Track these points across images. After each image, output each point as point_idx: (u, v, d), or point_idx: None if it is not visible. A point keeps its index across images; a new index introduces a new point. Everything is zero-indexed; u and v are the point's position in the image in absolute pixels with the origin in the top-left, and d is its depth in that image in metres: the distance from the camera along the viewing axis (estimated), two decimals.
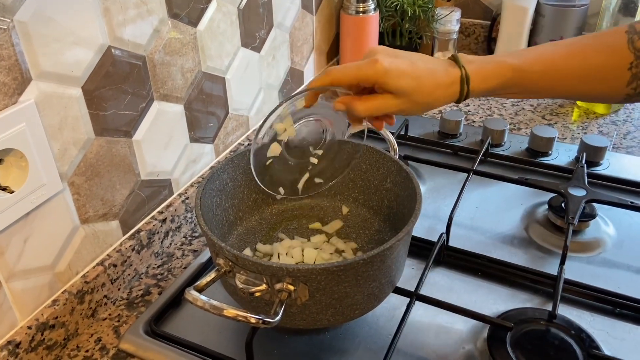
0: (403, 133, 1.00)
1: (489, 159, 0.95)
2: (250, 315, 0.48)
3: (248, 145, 0.94)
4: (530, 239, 0.78)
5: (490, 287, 0.70)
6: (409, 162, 0.90)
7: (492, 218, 0.82)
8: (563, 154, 0.95)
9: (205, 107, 0.84)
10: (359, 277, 0.54)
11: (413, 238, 0.71)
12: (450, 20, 1.19)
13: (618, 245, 0.77)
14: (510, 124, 1.07)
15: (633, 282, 0.70)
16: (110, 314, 0.69)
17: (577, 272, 0.71)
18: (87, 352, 0.64)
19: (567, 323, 0.63)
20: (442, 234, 0.73)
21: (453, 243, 0.75)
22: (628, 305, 0.66)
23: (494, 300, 0.68)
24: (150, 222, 0.75)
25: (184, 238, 0.82)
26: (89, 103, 0.62)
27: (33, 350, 0.60)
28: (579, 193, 0.79)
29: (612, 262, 0.74)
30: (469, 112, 1.12)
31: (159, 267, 0.76)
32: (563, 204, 0.79)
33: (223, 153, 0.91)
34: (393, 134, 0.91)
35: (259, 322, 0.49)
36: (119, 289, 0.71)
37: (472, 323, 0.64)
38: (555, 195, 0.81)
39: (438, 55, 1.21)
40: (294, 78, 1.11)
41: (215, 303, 0.49)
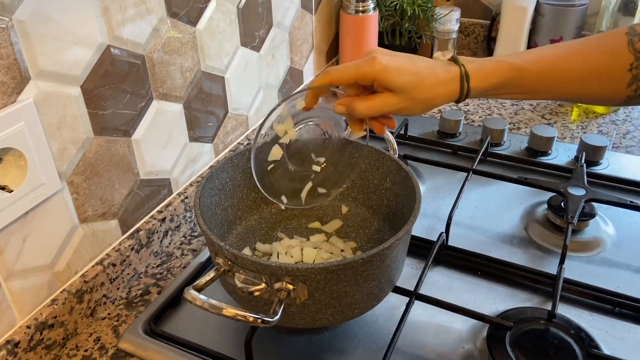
0: (402, 132, 1.00)
1: (489, 159, 0.95)
2: (250, 315, 0.48)
3: (247, 145, 0.94)
4: (530, 239, 0.78)
5: (490, 286, 0.70)
6: (409, 161, 0.90)
7: (491, 217, 0.82)
8: (562, 154, 0.95)
9: (205, 106, 0.84)
10: (358, 276, 0.54)
11: (412, 237, 0.71)
12: (450, 20, 1.19)
13: (617, 245, 0.77)
14: (510, 124, 1.07)
15: (632, 281, 0.70)
16: (110, 314, 0.69)
17: (576, 271, 0.71)
18: (86, 351, 0.64)
19: (566, 322, 0.63)
20: (441, 234, 0.73)
21: (452, 242, 0.75)
22: (627, 305, 0.66)
23: (494, 300, 0.68)
24: (150, 221, 0.75)
25: (183, 237, 0.82)
26: (88, 102, 0.62)
27: (32, 350, 0.60)
28: (579, 192, 0.79)
29: (611, 261, 0.74)
30: (469, 111, 1.12)
31: (158, 266, 0.76)
32: (562, 204, 0.79)
33: (222, 152, 0.91)
34: (392, 134, 0.91)
35: (258, 321, 0.49)
36: (118, 289, 0.71)
37: (471, 322, 0.64)
38: (555, 195, 0.81)
39: (437, 55, 1.21)
40: (294, 77, 1.11)
41: (214, 302, 0.49)
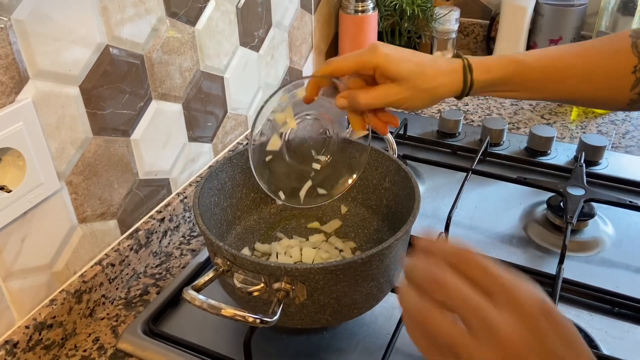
0: (402, 132, 1.00)
1: (488, 159, 0.95)
2: (248, 315, 0.48)
3: (247, 145, 0.93)
4: (529, 239, 0.78)
5: None
6: (408, 161, 0.90)
7: (490, 217, 0.82)
8: (562, 154, 0.95)
9: (204, 106, 0.83)
10: (358, 276, 0.54)
11: (411, 237, 0.71)
12: (449, 20, 1.19)
13: (617, 245, 0.76)
14: (509, 124, 1.07)
15: (632, 281, 0.70)
16: (108, 314, 0.69)
17: (575, 271, 0.71)
18: (84, 351, 0.64)
19: None
20: (440, 234, 0.73)
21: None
22: (627, 305, 0.66)
23: None
24: (149, 221, 0.75)
25: (183, 237, 0.81)
26: (87, 102, 0.62)
27: (31, 350, 0.60)
28: (578, 192, 0.79)
29: (610, 261, 0.74)
30: (468, 111, 1.12)
31: (157, 266, 0.76)
32: (562, 204, 0.79)
33: (221, 152, 0.91)
34: (392, 134, 0.91)
35: (257, 321, 0.49)
36: (117, 289, 0.71)
37: None
38: (554, 195, 0.81)
39: (437, 55, 1.21)
40: (293, 77, 1.11)
41: (213, 302, 0.49)
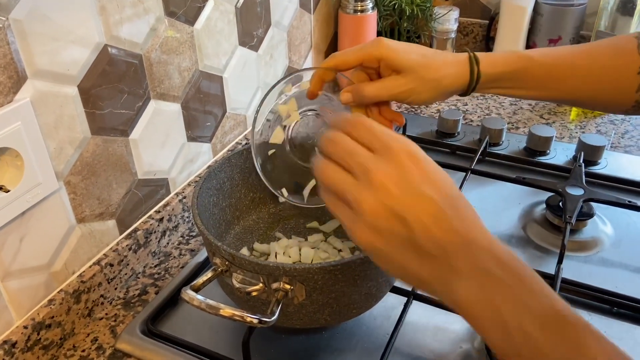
0: (401, 132, 1.00)
1: (487, 158, 0.95)
2: (247, 315, 0.48)
3: (246, 145, 0.93)
4: (528, 238, 0.78)
5: None
6: None
7: (489, 217, 0.82)
8: (561, 153, 0.95)
9: (203, 106, 0.83)
10: (357, 276, 0.54)
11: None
12: (449, 20, 1.19)
13: (616, 245, 0.76)
14: (508, 123, 1.07)
15: (631, 281, 0.70)
16: (107, 314, 0.69)
17: (574, 271, 0.71)
18: (83, 351, 0.63)
19: None
20: None
21: None
22: (626, 305, 0.66)
23: None
24: (147, 221, 0.75)
25: (181, 237, 0.81)
26: (85, 102, 0.62)
27: (29, 350, 0.60)
28: (577, 192, 0.78)
29: (609, 261, 0.74)
30: (467, 111, 1.12)
31: (156, 266, 0.76)
32: (561, 203, 0.79)
33: (220, 152, 0.91)
34: None
35: (256, 321, 0.48)
36: (116, 289, 0.71)
37: None
38: (553, 195, 0.81)
39: None
40: None
41: (212, 302, 0.48)
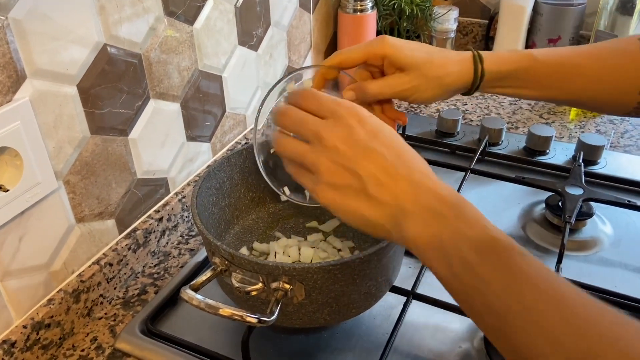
0: (400, 132, 1.00)
1: (487, 158, 0.95)
2: (246, 314, 0.48)
3: (245, 144, 0.93)
4: (528, 238, 0.78)
5: None
6: None
7: (489, 217, 0.80)
8: (560, 153, 0.95)
9: (202, 105, 0.83)
10: (356, 275, 0.54)
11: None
12: (448, 19, 1.19)
13: (615, 244, 0.76)
14: (508, 123, 1.07)
15: (630, 281, 0.70)
16: (106, 313, 0.68)
17: (574, 271, 0.71)
18: (82, 351, 0.63)
19: None
20: None
21: None
22: (625, 305, 0.66)
23: None
24: (147, 221, 0.75)
25: (181, 237, 0.81)
26: (85, 101, 0.62)
27: (28, 350, 0.60)
28: (576, 192, 0.79)
29: (609, 261, 0.74)
30: (467, 110, 1.12)
31: (155, 266, 0.76)
32: (560, 203, 0.79)
33: (220, 152, 0.91)
34: None
35: (255, 321, 0.48)
36: (115, 288, 0.71)
37: (468, 322, 0.64)
38: (553, 194, 0.81)
39: None
40: None
41: (211, 302, 0.48)
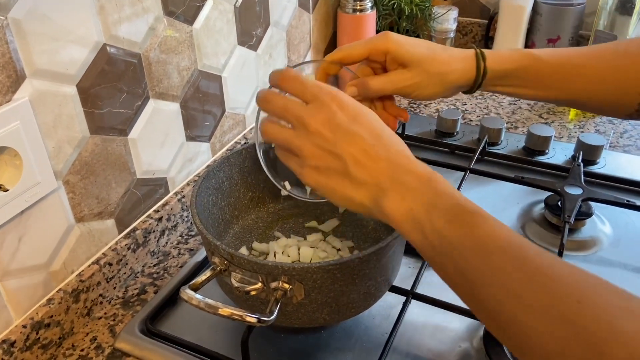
0: (400, 132, 1.00)
1: (486, 158, 0.95)
2: (246, 314, 0.48)
3: (245, 144, 0.93)
4: (527, 238, 0.77)
5: None
6: None
7: None
8: (560, 153, 0.95)
9: (202, 105, 0.83)
10: (355, 275, 0.54)
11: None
12: (448, 19, 1.19)
13: (614, 244, 0.77)
14: (507, 123, 1.07)
15: (629, 280, 0.70)
16: (106, 313, 0.68)
17: None
18: (82, 351, 0.63)
19: None
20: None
21: None
22: None
23: None
24: (146, 220, 0.75)
25: (180, 237, 0.81)
26: (84, 101, 0.62)
27: (28, 349, 0.60)
28: (576, 192, 0.79)
29: (608, 260, 0.74)
30: (466, 110, 1.12)
31: (155, 265, 0.76)
32: (559, 203, 0.79)
33: (219, 152, 0.91)
34: None
35: (255, 320, 0.48)
36: (115, 288, 0.71)
37: (468, 321, 0.64)
38: (552, 194, 0.81)
39: None
40: None
41: (211, 302, 0.48)
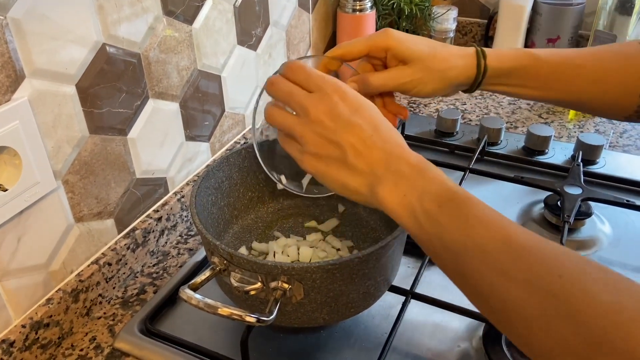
0: (400, 132, 0.99)
1: (486, 158, 0.95)
2: (245, 314, 0.48)
3: (244, 144, 0.93)
4: None
5: None
6: None
7: None
8: (559, 153, 0.95)
9: (201, 105, 0.83)
10: (355, 275, 0.54)
11: (408, 236, 0.71)
12: (447, 19, 1.19)
13: (614, 244, 0.77)
14: (507, 123, 1.07)
15: None
16: (105, 313, 0.68)
17: None
18: (81, 351, 0.63)
19: None
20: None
21: None
22: None
23: None
24: (146, 220, 0.75)
25: (180, 237, 0.81)
26: (83, 101, 0.62)
27: (27, 349, 0.60)
28: (575, 191, 0.79)
29: (608, 260, 0.74)
30: (466, 110, 1.12)
31: (154, 265, 0.76)
32: (559, 203, 0.79)
33: (219, 151, 0.91)
34: None
35: (254, 320, 0.48)
36: (114, 288, 0.71)
37: (467, 321, 0.64)
38: (551, 194, 0.81)
39: None
40: None
41: (210, 301, 0.48)
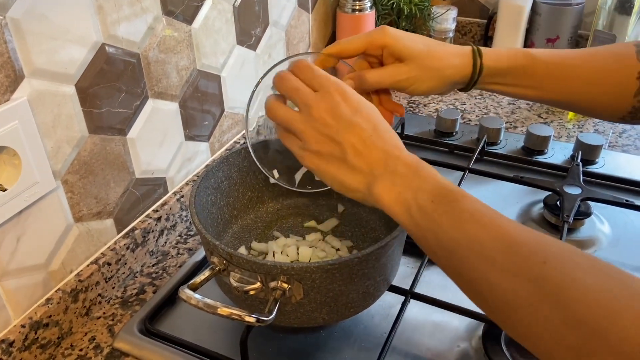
0: (399, 132, 1.00)
1: (485, 158, 0.95)
2: (245, 314, 0.48)
3: (244, 144, 0.93)
4: None
5: None
6: None
7: None
8: (559, 153, 0.95)
9: (201, 105, 0.83)
10: (354, 275, 0.54)
11: (408, 236, 0.71)
12: (447, 19, 1.19)
13: (613, 244, 0.77)
14: (506, 123, 1.07)
15: None
16: (105, 313, 0.68)
17: None
18: (81, 350, 0.63)
19: None
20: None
21: None
22: None
23: None
24: (145, 220, 0.75)
25: (179, 236, 0.81)
26: (83, 101, 0.62)
27: (27, 349, 0.60)
28: (574, 191, 0.79)
29: (607, 260, 0.73)
30: (465, 110, 1.12)
31: (154, 265, 0.76)
32: (558, 202, 0.79)
33: (218, 151, 0.91)
34: None
35: (253, 320, 0.48)
36: (114, 288, 0.71)
37: (467, 321, 0.64)
38: (551, 194, 0.81)
39: None
40: None
41: (209, 301, 0.48)
